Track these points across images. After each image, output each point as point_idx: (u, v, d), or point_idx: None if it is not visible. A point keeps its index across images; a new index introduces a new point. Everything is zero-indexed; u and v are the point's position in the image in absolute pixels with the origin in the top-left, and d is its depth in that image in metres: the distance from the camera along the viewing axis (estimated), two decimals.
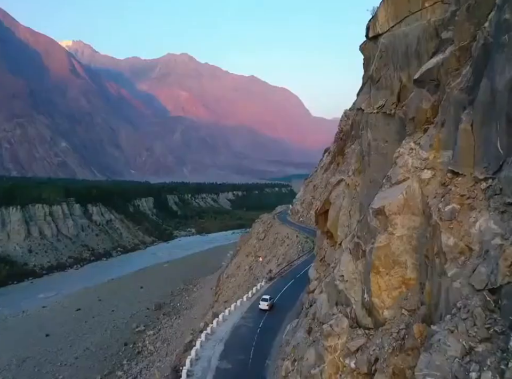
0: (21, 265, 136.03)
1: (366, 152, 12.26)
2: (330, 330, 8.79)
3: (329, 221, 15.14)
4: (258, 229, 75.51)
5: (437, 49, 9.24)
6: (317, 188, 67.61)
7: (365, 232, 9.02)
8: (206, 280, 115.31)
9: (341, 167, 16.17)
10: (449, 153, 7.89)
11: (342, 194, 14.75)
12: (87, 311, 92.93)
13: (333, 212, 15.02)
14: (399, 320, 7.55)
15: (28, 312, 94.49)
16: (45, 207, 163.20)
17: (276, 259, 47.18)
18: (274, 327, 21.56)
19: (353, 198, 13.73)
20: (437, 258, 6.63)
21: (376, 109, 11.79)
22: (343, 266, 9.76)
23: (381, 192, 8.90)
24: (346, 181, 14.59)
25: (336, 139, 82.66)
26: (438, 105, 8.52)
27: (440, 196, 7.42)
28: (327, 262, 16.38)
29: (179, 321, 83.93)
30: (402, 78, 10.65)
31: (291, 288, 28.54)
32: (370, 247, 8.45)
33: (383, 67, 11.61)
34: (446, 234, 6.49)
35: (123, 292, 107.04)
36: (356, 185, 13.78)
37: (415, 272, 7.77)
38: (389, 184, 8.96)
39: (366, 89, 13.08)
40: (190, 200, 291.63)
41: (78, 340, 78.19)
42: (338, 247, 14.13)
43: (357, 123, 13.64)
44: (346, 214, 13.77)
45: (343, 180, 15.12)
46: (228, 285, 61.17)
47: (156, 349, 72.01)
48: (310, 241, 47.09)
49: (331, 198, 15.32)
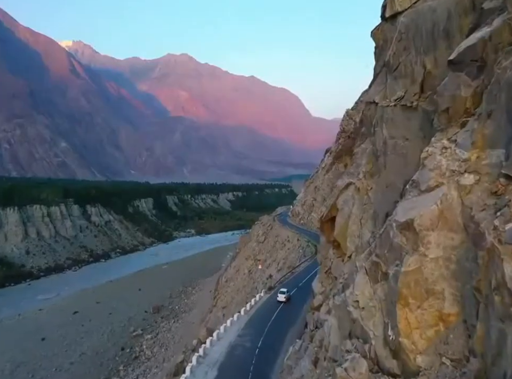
0: (18, 266, 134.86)
1: (381, 152, 10.51)
2: (345, 375, 7.02)
3: (337, 229, 13.39)
4: (258, 232, 73.74)
5: (476, 25, 7.52)
6: (319, 189, 65.87)
7: (386, 250, 7.22)
8: (205, 282, 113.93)
9: (349, 169, 14.38)
10: (500, 152, 6.12)
11: (351, 199, 12.98)
12: (84, 314, 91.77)
13: (341, 219, 13.27)
14: (439, 371, 5.77)
15: (24, 314, 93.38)
16: (43, 208, 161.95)
17: (276, 264, 45.42)
18: (275, 347, 19.35)
19: (364, 205, 11.97)
20: (497, 294, 4.88)
21: (394, 102, 10.02)
22: (357, 289, 7.99)
23: (406, 201, 7.05)
24: (356, 185, 12.82)
25: (337, 139, 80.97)
26: (482, 92, 6.77)
27: (492, 209, 5.65)
28: (334, 275, 14.61)
29: (177, 325, 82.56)
30: (426, 64, 8.89)
31: (292, 300, 26.44)
32: (394, 271, 6.62)
33: (402, 52, 9.85)
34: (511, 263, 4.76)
35: (121, 294, 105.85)
36: (368, 189, 12.02)
37: (455, 306, 5.95)
38: (416, 191, 7.11)
39: (380, 80, 11.33)
40: (190, 201, 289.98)
41: (74, 344, 76.90)
42: (347, 260, 12.38)
43: (368, 118, 11.89)
44: (357, 222, 12.02)
45: (352, 183, 13.35)
46: (226, 290, 59.51)
47: (153, 354, 70.59)
48: (312, 245, 45.29)
49: (338, 203, 13.56)
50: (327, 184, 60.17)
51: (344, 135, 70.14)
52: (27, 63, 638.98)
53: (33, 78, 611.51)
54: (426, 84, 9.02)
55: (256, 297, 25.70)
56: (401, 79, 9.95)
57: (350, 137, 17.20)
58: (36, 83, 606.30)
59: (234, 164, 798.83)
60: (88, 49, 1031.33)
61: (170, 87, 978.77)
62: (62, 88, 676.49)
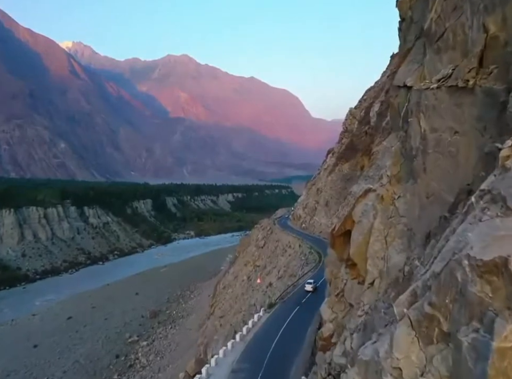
0: (14, 269, 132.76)
1: (417, 151, 7.90)
2: None
3: (353, 247, 10.78)
4: (257, 236, 71.06)
5: None
6: (321, 191, 63.15)
7: (451, 300, 4.55)
8: (204, 286, 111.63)
9: (367, 172, 11.75)
10: None
11: (372, 210, 10.35)
12: (79, 319, 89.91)
13: (358, 235, 10.64)
14: None
15: (17, 319, 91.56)
16: (40, 210, 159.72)
17: (276, 271, 42.75)
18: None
19: (390, 218, 9.35)
20: None
21: (437, 83, 7.40)
22: (399, 350, 5.37)
23: (485, 226, 4.38)
24: (378, 192, 10.18)
25: (340, 139, 78.58)
26: None
27: None
28: (348, 301, 11.97)
29: (174, 331, 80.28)
30: (489, 26, 6.29)
31: (296, 320, 23.20)
32: (472, 339, 3.99)
33: (450, 14, 7.24)
34: None
35: (118, 298, 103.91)
36: (395, 198, 9.39)
37: None
38: (497, 208, 4.47)
39: (413, 57, 8.69)
40: (189, 202, 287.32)
41: (68, 351, 74.88)
42: (368, 287, 9.77)
43: (395, 108, 9.30)
44: (381, 240, 9.42)
45: (372, 190, 10.71)
46: (224, 297, 56.88)
47: (149, 362, 68.36)
48: (315, 252, 42.52)
49: (355, 215, 10.93)
50: (330, 186, 57.62)
51: (348, 135, 67.76)
52: (27, 64, 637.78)
53: (33, 79, 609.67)
54: (489, 55, 6.41)
55: (254, 317, 22.55)
56: (448, 52, 7.34)
57: (368, 133, 14.50)
58: (36, 84, 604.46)
59: (234, 165, 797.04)
60: (88, 50, 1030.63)
61: (170, 88, 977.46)
62: (61, 89, 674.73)
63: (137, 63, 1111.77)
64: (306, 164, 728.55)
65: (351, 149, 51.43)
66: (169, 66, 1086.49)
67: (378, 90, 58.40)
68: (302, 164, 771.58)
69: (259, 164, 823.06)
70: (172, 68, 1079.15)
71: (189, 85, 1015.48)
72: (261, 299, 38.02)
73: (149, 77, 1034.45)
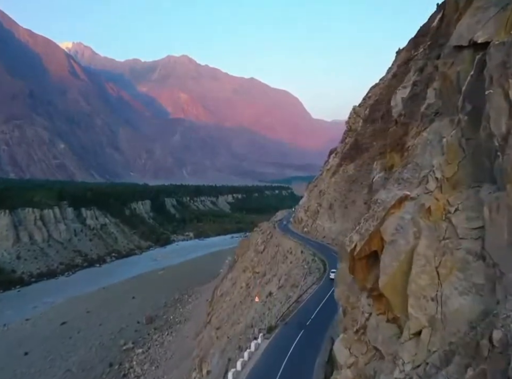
0: (8, 272, 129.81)
1: (502, 139, 5.02)
2: None
3: (384, 276, 7.86)
4: (257, 240, 67.77)
5: None
6: (324, 193, 60.03)
7: None
8: (202, 289, 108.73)
9: (401, 173, 8.80)
10: None
11: (412, 226, 7.41)
12: (73, 325, 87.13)
13: (391, 260, 7.72)
14: None
15: (9, 325, 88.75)
16: (36, 211, 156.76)
17: (277, 280, 39.70)
18: None
19: (444, 240, 6.45)
20: None
21: None
22: None
23: None
24: (421, 202, 7.26)
25: (344, 138, 75.48)
26: None
27: None
28: (373, 344, 9.04)
29: (170, 338, 77.35)
30: None
31: (300, 350, 19.89)
32: None
33: None
34: None
35: (114, 302, 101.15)
36: (449, 211, 6.49)
37: None
38: None
39: (487, 1, 5.81)
40: (189, 203, 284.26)
41: (60, 359, 71.98)
42: (411, 337, 6.86)
43: (451, 81, 6.43)
44: (430, 272, 6.52)
45: (410, 198, 7.77)
46: (221, 305, 53.85)
47: (143, 372, 65.33)
48: (318, 260, 39.26)
49: (385, 232, 8.01)
50: (333, 188, 54.52)
51: (352, 134, 64.76)
52: (26, 64, 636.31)
53: (33, 80, 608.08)
54: None
55: (251, 347, 19.05)
56: None
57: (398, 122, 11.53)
58: (35, 84, 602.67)
59: (234, 166, 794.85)
60: (88, 50, 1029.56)
61: (170, 89, 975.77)
62: (61, 89, 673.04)
63: (137, 63, 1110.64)
64: (307, 165, 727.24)
65: (356, 148, 48.65)
66: (169, 67, 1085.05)
67: (384, 87, 55.51)
68: (302, 165, 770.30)
69: (259, 164, 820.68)
70: (172, 69, 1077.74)
71: (189, 86, 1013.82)
72: (260, 310, 35.15)
73: (149, 78, 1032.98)
